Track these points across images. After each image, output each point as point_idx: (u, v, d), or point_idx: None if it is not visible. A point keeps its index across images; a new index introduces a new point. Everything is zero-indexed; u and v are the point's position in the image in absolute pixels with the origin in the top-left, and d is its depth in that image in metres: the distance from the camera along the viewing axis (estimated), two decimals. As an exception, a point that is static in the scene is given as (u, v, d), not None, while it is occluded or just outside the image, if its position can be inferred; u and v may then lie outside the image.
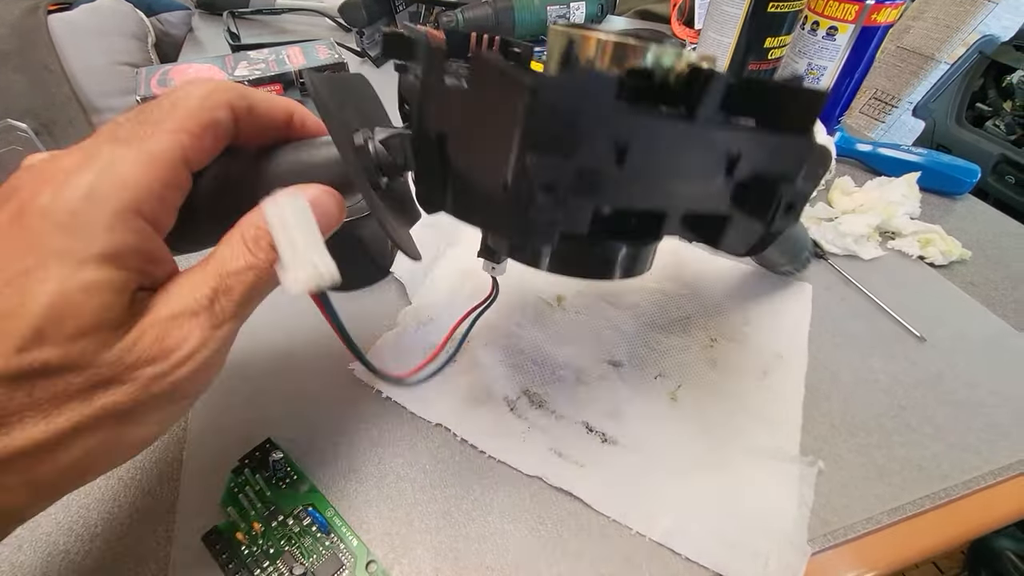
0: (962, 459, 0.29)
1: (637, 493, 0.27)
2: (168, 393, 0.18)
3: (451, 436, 0.30)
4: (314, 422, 0.30)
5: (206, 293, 0.19)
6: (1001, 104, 1.25)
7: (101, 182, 0.17)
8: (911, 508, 0.27)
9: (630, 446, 0.29)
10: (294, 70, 0.60)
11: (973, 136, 1.24)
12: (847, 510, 0.27)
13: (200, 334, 0.18)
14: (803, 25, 0.51)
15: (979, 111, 1.27)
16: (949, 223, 0.45)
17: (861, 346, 0.35)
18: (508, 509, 0.27)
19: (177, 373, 0.18)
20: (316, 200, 0.20)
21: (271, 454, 0.27)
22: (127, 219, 0.17)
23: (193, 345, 0.18)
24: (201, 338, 0.18)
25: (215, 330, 0.19)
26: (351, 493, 0.27)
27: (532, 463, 0.28)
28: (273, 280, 0.20)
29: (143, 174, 0.18)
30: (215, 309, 0.19)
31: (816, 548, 0.26)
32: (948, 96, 1.17)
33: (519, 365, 0.33)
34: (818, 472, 0.28)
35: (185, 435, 0.29)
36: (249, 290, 0.19)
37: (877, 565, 0.26)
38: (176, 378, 0.18)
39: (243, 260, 0.19)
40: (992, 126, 1.24)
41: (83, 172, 0.17)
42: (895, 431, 0.30)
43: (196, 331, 0.18)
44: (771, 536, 0.25)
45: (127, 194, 0.17)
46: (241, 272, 0.19)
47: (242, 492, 0.26)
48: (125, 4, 0.80)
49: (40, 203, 0.17)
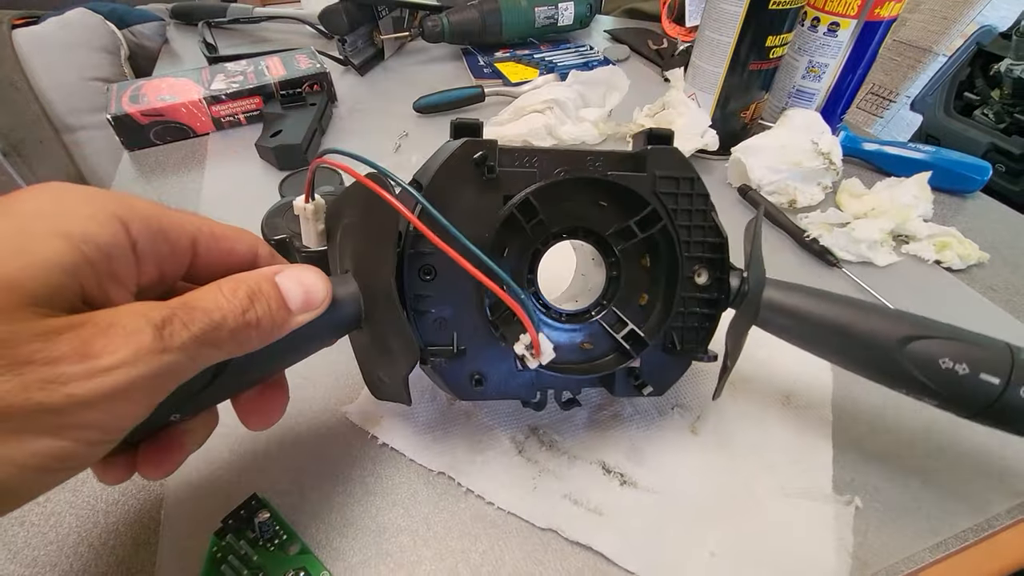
0: (1003, 483, 0.27)
1: (661, 543, 0.25)
2: (54, 408, 0.14)
3: (439, 475, 0.27)
4: (303, 472, 0.28)
5: (161, 315, 0.16)
6: (989, 93, 1.24)
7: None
8: (954, 543, 0.25)
9: (652, 488, 0.27)
10: (274, 82, 0.57)
11: (962, 126, 1.23)
12: (886, 549, 0.25)
13: (132, 351, 0.15)
14: (803, 22, 0.49)
15: (967, 100, 1.26)
16: (962, 223, 0.44)
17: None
18: (521, 562, 0.25)
19: (80, 386, 0.14)
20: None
21: (257, 513, 0.25)
22: (109, 218, 0.17)
23: (118, 359, 0.14)
24: (131, 355, 0.15)
25: (152, 355, 0.15)
26: (346, 551, 0.25)
27: (545, 514, 0.26)
28: (241, 338, 0.18)
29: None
30: (163, 332, 0.15)
31: (857, 594, 0.24)
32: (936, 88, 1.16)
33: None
34: (855, 510, 0.26)
35: (163, 490, 0.27)
36: (211, 329, 0.17)
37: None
38: (74, 392, 0.14)
39: (215, 301, 0.17)
40: (981, 115, 1.23)
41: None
42: (928, 455, 0.29)
43: (129, 346, 0.15)
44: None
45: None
46: (209, 310, 0.17)
47: (226, 561, 0.23)
48: (95, 16, 0.77)
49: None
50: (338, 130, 0.58)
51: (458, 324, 0.25)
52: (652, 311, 0.27)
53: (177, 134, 0.56)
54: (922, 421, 0.30)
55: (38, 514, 0.26)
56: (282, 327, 0.20)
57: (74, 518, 0.26)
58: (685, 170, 0.26)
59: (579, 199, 0.25)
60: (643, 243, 0.26)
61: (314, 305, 0.21)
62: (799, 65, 0.51)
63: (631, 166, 0.26)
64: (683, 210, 0.26)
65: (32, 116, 0.70)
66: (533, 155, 0.25)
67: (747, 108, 0.50)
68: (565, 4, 0.73)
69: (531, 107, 0.52)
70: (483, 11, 0.69)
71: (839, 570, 0.24)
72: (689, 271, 0.26)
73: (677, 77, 0.53)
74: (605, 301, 0.27)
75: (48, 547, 0.25)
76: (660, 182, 0.26)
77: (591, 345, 0.27)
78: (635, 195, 0.25)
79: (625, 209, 0.25)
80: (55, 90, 0.72)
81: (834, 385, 0.32)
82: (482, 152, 0.24)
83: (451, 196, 0.24)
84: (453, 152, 0.24)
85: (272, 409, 0.24)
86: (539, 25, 0.73)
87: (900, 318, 0.25)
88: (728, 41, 0.46)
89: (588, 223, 0.26)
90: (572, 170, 0.25)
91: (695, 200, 0.26)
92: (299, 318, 0.21)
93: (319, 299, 0.21)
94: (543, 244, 0.26)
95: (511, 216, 0.24)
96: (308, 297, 0.21)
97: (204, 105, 0.56)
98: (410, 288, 0.24)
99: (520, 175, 0.25)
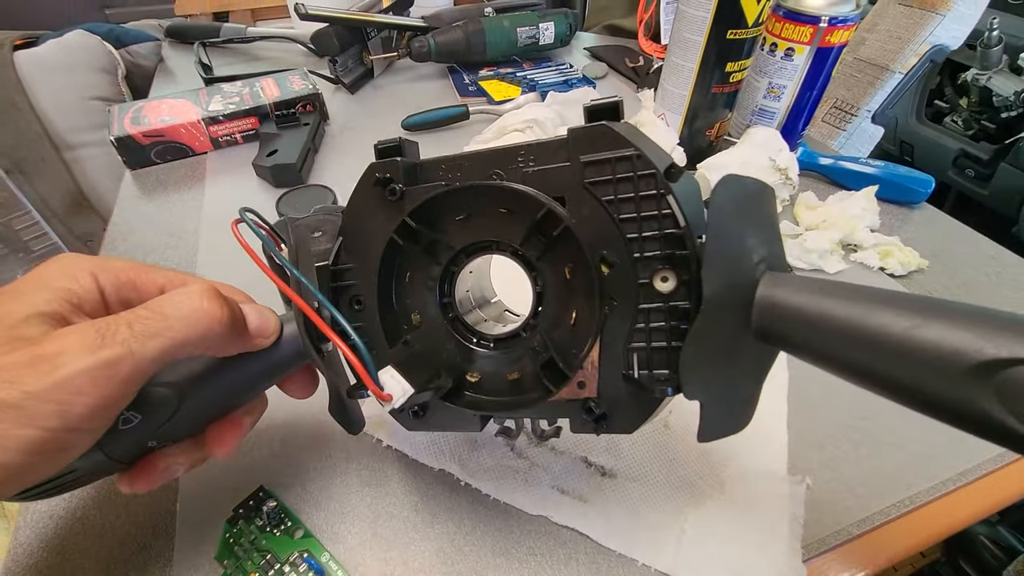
0: (925, 466, 0.31)
1: (640, 525, 0.28)
2: (14, 404, 0.17)
3: (440, 472, 0.31)
4: (305, 466, 0.31)
5: (106, 320, 0.19)
6: (957, 100, 1.30)
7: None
8: (879, 518, 0.29)
9: (629, 477, 0.30)
10: (269, 102, 0.60)
11: (934, 132, 1.29)
12: (818, 524, 0.28)
13: (75, 347, 0.18)
14: (762, 46, 0.53)
15: (937, 108, 1.32)
16: (907, 232, 0.48)
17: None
18: (500, 543, 0.28)
19: (31, 383, 0.17)
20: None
21: (264, 502, 0.28)
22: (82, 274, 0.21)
23: (62, 357, 0.18)
24: (74, 350, 0.18)
25: (92, 350, 0.18)
26: (345, 535, 0.28)
27: (536, 503, 0.29)
28: (188, 329, 0.20)
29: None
30: (105, 332, 0.19)
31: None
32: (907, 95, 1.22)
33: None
34: (807, 489, 0.29)
35: (177, 484, 0.30)
36: (158, 320, 0.20)
37: (851, 571, 0.28)
38: (27, 388, 0.17)
39: (170, 301, 0.21)
40: (951, 122, 1.29)
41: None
42: (861, 443, 0.32)
43: (72, 344, 0.18)
44: (769, 558, 0.27)
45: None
46: (159, 305, 0.20)
47: (237, 543, 0.27)
48: (93, 37, 0.80)
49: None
50: (330, 148, 0.61)
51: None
52: (580, 334, 0.22)
53: (177, 153, 0.59)
54: (858, 411, 0.34)
55: (65, 508, 0.29)
56: (240, 340, 0.23)
57: (98, 511, 0.29)
58: (619, 148, 0.20)
59: (483, 208, 0.23)
60: (560, 250, 0.22)
61: (266, 334, 0.24)
62: (760, 86, 0.55)
63: (563, 156, 0.22)
64: (623, 199, 0.21)
65: (33, 135, 0.73)
66: (457, 163, 0.23)
67: (712, 127, 0.54)
68: (546, 24, 0.77)
69: (512, 126, 0.55)
70: (468, 31, 0.73)
71: (792, 539, 0.27)
72: (647, 274, 0.21)
73: (647, 98, 0.56)
74: (533, 320, 0.24)
75: (75, 537, 0.28)
76: (588, 169, 0.21)
77: (518, 375, 0.24)
78: (529, 196, 0.21)
79: (525, 210, 0.22)
80: (55, 109, 0.75)
81: (789, 378, 0.35)
82: (384, 175, 0.23)
83: (365, 223, 0.24)
84: (361, 178, 0.24)
85: (229, 440, 0.25)
86: (521, 44, 0.76)
87: (988, 322, 0.15)
88: (692, 66, 0.49)
89: (499, 235, 0.23)
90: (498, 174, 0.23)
91: (639, 183, 0.20)
92: (254, 340, 0.24)
93: (270, 330, 0.24)
94: (454, 264, 0.24)
95: (391, 242, 0.24)
96: (262, 326, 0.24)
97: (202, 126, 0.59)
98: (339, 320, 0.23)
99: (425, 192, 0.23)
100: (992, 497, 0.31)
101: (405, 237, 0.23)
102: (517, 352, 0.24)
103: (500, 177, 0.23)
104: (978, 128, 1.23)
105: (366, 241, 0.24)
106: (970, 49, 1.25)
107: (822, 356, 0.19)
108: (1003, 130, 1.12)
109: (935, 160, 1.26)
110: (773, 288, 0.20)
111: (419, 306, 0.25)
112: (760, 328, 0.20)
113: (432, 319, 0.25)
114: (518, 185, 0.22)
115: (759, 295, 0.20)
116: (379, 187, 0.23)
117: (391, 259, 0.24)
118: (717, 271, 0.19)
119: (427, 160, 0.24)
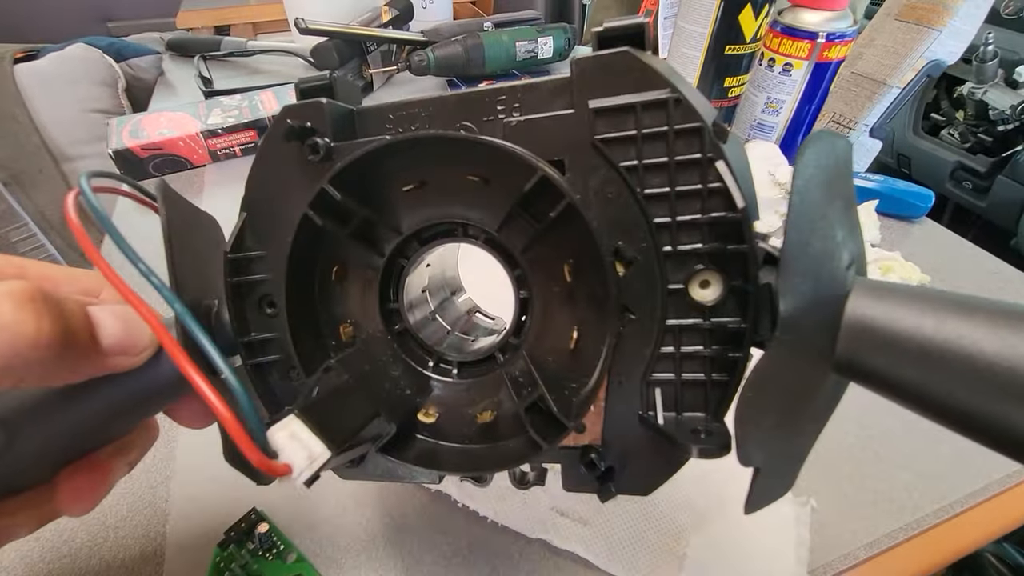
0: (932, 488, 0.30)
1: (641, 548, 0.28)
2: None
3: (436, 493, 0.30)
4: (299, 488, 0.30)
5: None
6: (954, 114, 1.31)
7: None
8: (887, 542, 0.28)
9: (630, 499, 0.29)
10: (268, 116, 0.60)
11: (930, 145, 1.30)
12: (824, 548, 0.28)
13: None
14: (760, 61, 0.53)
15: (934, 121, 1.33)
16: (908, 247, 0.47)
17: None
18: (498, 567, 0.27)
19: None
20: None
21: (256, 526, 0.27)
22: None
23: None
24: None
25: None
26: (339, 559, 0.27)
27: (536, 526, 0.28)
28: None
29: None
30: None
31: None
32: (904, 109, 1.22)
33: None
34: (811, 511, 0.29)
35: (168, 507, 0.29)
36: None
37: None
38: None
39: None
40: (947, 135, 1.30)
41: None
42: (865, 462, 0.32)
43: None
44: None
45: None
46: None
47: (228, 568, 0.26)
48: (94, 51, 0.80)
49: None
50: (329, 161, 0.61)
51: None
52: (583, 360, 0.16)
53: (175, 166, 0.59)
54: (863, 430, 0.33)
55: (51, 531, 0.28)
56: (72, 359, 0.15)
57: (85, 534, 0.28)
58: (648, 88, 0.14)
59: (443, 175, 0.16)
60: (556, 239, 0.16)
61: (132, 349, 0.16)
62: (758, 101, 0.55)
63: (566, 101, 0.15)
64: (653, 165, 0.14)
65: (32, 147, 0.73)
66: (414, 111, 0.17)
67: (711, 140, 0.54)
68: (544, 39, 0.77)
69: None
70: (467, 46, 0.73)
71: (798, 564, 0.27)
72: (680, 277, 0.15)
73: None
74: (514, 339, 0.18)
75: (62, 560, 0.27)
76: (601, 121, 0.15)
77: (491, 415, 0.17)
78: (514, 157, 0.15)
79: (507, 180, 0.15)
80: (55, 122, 0.75)
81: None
82: (300, 123, 0.16)
83: (276, 193, 0.17)
84: (271, 127, 0.17)
85: (88, 491, 0.18)
86: (520, 59, 0.77)
87: None
88: (690, 82, 0.49)
89: (466, 214, 0.17)
90: (467, 127, 0.16)
91: (676, 143, 0.14)
92: (110, 360, 0.16)
93: (138, 344, 0.16)
94: (402, 254, 0.18)
95: (306, 221, 0.16)
96: (126, 336, 0.16)
97: (201, 139, 0.59)
98: (243, 330, 0.18)
99: (357, 148, 0.16)
100: (1000, 519, 0.30)
101: (326, 214, 0.16)
102: (490, 382, 0.18)
103: (469, 131, 0.16)
104: (975, 141, 1.24)
105: (279, 219, 0.17)
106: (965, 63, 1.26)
107: (937, 401, 0.13)
108: (1000, 143, 1.13)
109: (932, 173, 1.26)
110: (870, 303, 0.13)
111: (353, 314, 0.18)
112: (847, 359, 0.14)
113: (371, 333, 0.18)
114: (496, 140, 0.15)
115: (850, 313, 0.13)
116: (295, 140, 0.16)
117: (309, 246, 0.17)
118: (802, 277, 0.13)
119: (370, 107, 0.17)
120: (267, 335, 0.18)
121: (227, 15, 1.18)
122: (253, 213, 0.18)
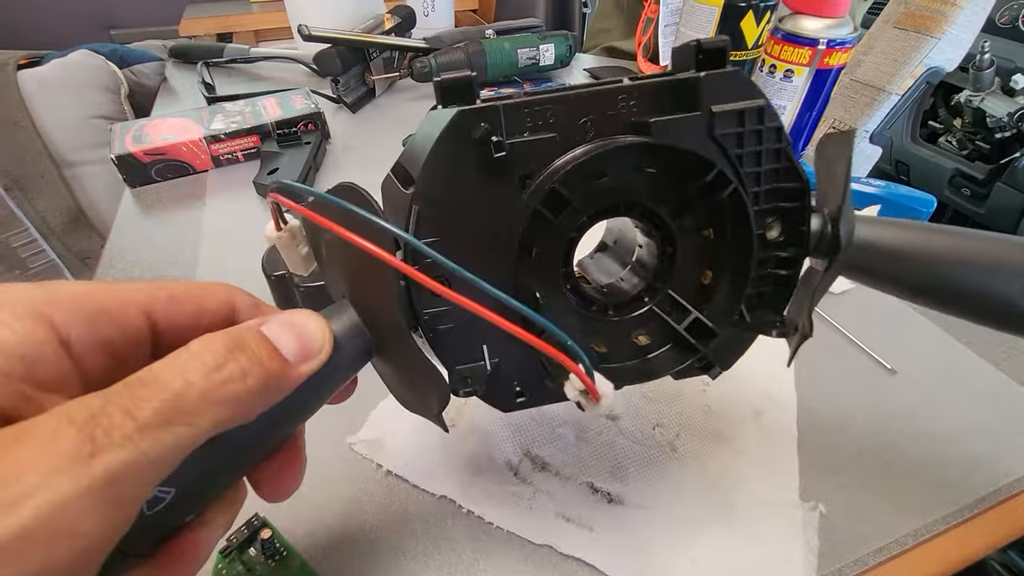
0: (941, 493, 0.30)
1: (648, 554, 0.27)
2: None
3: (441, 498, 0.30)
4: (301, 493, 0.30)
5: (88, 409, 0.12)
6: (952, 121, 1.32)
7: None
8: (896, 547, 0.28)
9: (637, 504, 0.29)
10: (270, 121, 0.61)
11: (929, 152, 1.30)
12: (834, 554, 0.27)
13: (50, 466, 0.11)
14: (761, 68, 0.53)
15: (932, 128, 1.34)
16: (911, 252, 0.48)
17: (835, 382, 0.36)
18: (503, 574, 0.27)
19: None
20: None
21: (259, 532, 0.27)
22: (25, 316, 0.14)
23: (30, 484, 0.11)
24: (49, 472, 0.11)
25: (80, 464, 0.11)
26: (342, 566, 0.27)
27: (541, 531, 0.28)
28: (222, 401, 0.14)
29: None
30: (93, 431, 0.12)
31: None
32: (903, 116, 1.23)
33: (518, 424, 0.33)
34: (820, 515, 0.29)
35: (169, 513, 0.29)
36: (172, 401, 0.13)
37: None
38: None
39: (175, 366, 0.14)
40: (945, 142, 1.31)
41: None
42: (875, 468, 0.31)
43: (46, 460, 0.11)
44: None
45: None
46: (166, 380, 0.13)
47: (231, 575, 0.25)
48: (97, 57, 0.80)
49: None
50: (332, 167, 0.61)
51: (487, 334, 0.21)
52: (717, 291, 0.22)
53: (177, 171, 0.59)
54: (870, 436, 0.33)
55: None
56: (281, 381, 0.16)
57: (86, 540, 0.28)
58: (750, 97, 0.20)
59: (619, 169, 0.20)
60: (706, 212, 0.21)
61: (313, 352, 0.17)
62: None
63: (677, 101, 0.20)
64: (750, 153, 0.21)
65: (34, 153, 0.73)
66: (547, 107, 0.20)
67: (713, 146, 0.54)
68: (546, 46, 0.78)
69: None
70: (468, 53, 0.74)
71: (807, 569, 0.26)
72: (760, 227, 0.22)
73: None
74: (659, 284, 0.23)
75: (62, 568, 0.27)
76: (720, 121, 0.20)
77: (647, 339, 0.23)
78: (692, 156, 0.19)
79: (678, 169, 0.20)
80: (57, 128, 0.75)
81: (797, 399, 0.35)
82: (484, 127, 0.19)
83: (451, 190, 0.20)
84: (444, 130, 0.19)
85: (285, 478, 0.20)
86: (522, 65, 0.77)
87: None
88: (693, 87, 0.50)
89: (632, 196, 0.21)
90: (599, 124, 0.20)
91: (766, 137, 0.20)
92: (300, 369, 0.17)
93: (317, 344, 0.18)
94: (577, 231, 0.21)
95: (536, 214, 0.19)
96: (304, 344, 0.17)
97: (204, 144, 0.59)
98: (421, 307, 0.20)
99: (536, 146, 0.20)
100: (1009, 525, 0.30)
101: (552, 208, 0.20)
102: (643, 316, 0.23)
103: (594, 123, 0.20)
104: (972, 148, 1.24)
105: (455, 211, 0.20)
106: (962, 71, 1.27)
107: (901, 286, 0.24)
108: (998, 150, 1.13)
109: (931, 179, 1.27)
110: (862, 227, 0.22)
111: (541, 283, 0.21)
112: (853, 263, 0.23)
113: (553, 294, 0.22)
114: (681, 144, 0.19)
115: (856, 235, 0.22)
116: (477, 145, 0.19)
117: (530, 234, 0.20)
118: (846, 221, 0.21)
119: (508, 104, 0.20)
120: (441, 308, 0.21)
121: (230, 22, 1.19)
122: (426, 206, 0.20)
